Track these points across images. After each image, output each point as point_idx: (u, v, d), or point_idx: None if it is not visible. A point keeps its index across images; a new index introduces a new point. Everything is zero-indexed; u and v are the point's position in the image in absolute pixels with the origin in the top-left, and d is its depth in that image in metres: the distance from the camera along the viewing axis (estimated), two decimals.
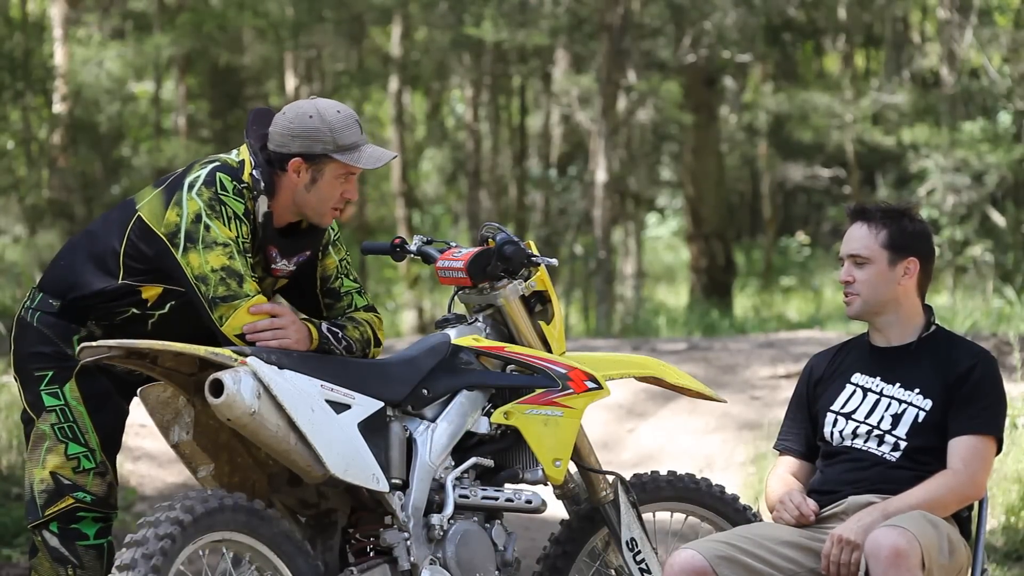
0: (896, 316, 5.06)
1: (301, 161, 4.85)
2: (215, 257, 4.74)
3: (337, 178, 4.88)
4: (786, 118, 26.10)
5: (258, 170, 4.85)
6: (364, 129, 4.94)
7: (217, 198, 4.78)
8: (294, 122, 4.84)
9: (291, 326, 4.77)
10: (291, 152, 4.84)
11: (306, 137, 4.83)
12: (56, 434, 4.90)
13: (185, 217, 4.77)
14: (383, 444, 4.90)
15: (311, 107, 4.87)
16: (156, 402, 4.84)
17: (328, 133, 4.83)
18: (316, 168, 4.85)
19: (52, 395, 4.91)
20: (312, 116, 4.84)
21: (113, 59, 23.18)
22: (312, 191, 4.88)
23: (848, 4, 25.01)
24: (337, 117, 4.86)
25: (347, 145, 4.85)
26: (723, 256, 23.52)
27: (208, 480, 4.87)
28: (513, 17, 22.43)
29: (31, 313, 4.95)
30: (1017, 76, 22.64)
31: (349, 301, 5.09)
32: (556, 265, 5.33)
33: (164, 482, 10.04)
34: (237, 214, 4.79)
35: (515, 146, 29.25)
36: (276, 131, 4.88)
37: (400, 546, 4.88)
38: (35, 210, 21.86)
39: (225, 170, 4.84)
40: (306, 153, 4.84)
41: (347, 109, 4.91)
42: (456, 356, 5.12)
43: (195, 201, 4.77)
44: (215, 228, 4.75)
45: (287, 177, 4.87)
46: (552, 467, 5.11)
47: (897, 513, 4.76)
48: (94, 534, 4.93)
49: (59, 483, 4.89)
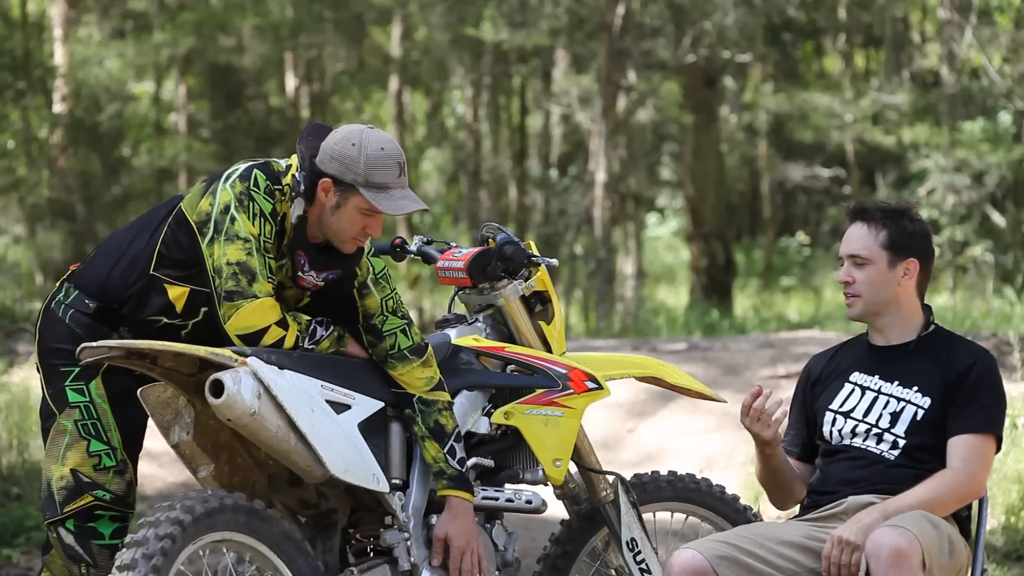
0: (896, 316, 5.06)
1: (331, 183, 4.84)
2: (233, 250, 4.75)
3: (360, 211, 4.85)
4: (786, 118, 26.11)
5: (302, 174, 4.86)
6: (406, 173, 4.89)
7: (248, 193, 4.80)
8: (339, 144, 4.84)
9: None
10: (326, 172, 4.85)
11: (341, 162, 4.82)
12: (79, 430, 4.89)
13: (216, 207, 4.79)
14: (383, 444, 4.90)
15: (359, 135, 4.85)
16: (156, 402, 4.84)
17: (362, 167, 4.81)
18: (343, 195, 4.84)
19: (77, 391, 4.90)
20: (355, 144, 4.83)
21: (113, 59, 23.19)
22: (335, 216, 4.87)
23: (848, 4, 25.01)
24: (378, 154, 4.82)
25: (377, 184, 4.82)
26: (723, 256, 23.52)
27: (208, 480, 4.87)
28: (513, 17, 22.43)
29: (63, 308, 4.94)
30: (1017, 76, 22.64)
31: (392, 342, 4.97)
32: (556, 265, 5.33)
33: (164, 482, 10.05)
34: (264, 212, 4.80)
35: (515, 146, 29.26)
36: (324, 146, 4.87)
37: (400, 546, 4.88)
38: (35, 210, 21.86)
39: (264, 169, 4.87)
40: (337, 177, 4.84)
41: (395, 148, 4.86)
42: (456, 356, 5.12)
43: (227, 192, 4.80)
44: (240, 221, 4.77)
45: (317, 194, 4.88)
46: (552, 467, 5.11)
47: (897, 513, 4.76)
48: (110, 534, 4.92)
49: (79, 480, 4.88)
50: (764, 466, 5.12)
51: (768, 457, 5.09)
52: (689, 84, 23.37)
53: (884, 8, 24.69)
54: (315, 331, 4.86)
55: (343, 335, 4.94)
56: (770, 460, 5.09)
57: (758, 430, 5.00)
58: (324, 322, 4.91)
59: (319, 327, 4.87)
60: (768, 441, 5.02)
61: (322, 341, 4.88)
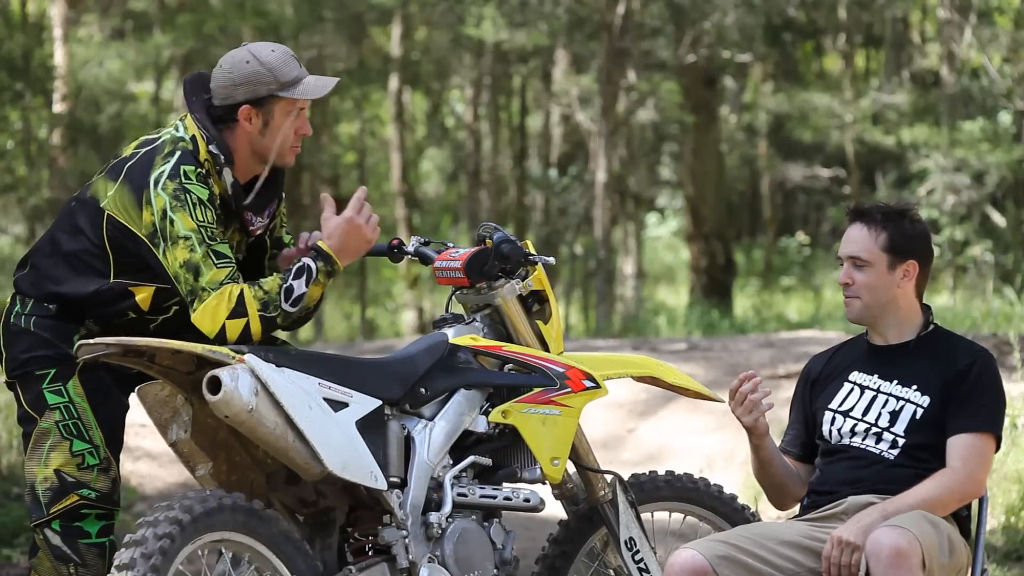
0: (895, 317, 5.06)
1: (250, 107, 4.85)
2: (180, 252, 4.74)
3: (287, 116, 4.88)
4: (786, 118, 26.13)
5: (213, 144, 4.84)
6: (301, 61, 4.96)
7: (182, 187, 4.76)
8: (233, 71, 4.85)
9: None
10: (238, 101, 4.85)
11: (248, 82, 4.84)
12: (61, 431, 4.88)
13: (156, 215, 4.76)
14: (381, 442, 4.90)
15: (245, 53, 4.88)
16: (154, 400, 4.84)
17: (268, 73, 4.84)
18: (265, 111, 4.86)
19: (55, 392, 4.89)
20: (249, 61, 4.85)
21: (113, 59, 23.20)
22: (267, 135, 4.88)
23: (848, 4, 25.02)
24: (273, 56, 4.86)
25: (289, 81, 4.86)
26: (723, 256, 23.53)
27: (206, 479, 4.86)
28: (513, 17, 22.43)
29: (23, 319, 4.91)
30: (1017, 76, 22.65)
31: (288, 240, 5.17)
32: (553, 264, 5.33)
33: (164, 482, 10.05)
34: (202, 200, 4.77)
35: (515, 146, 29.27)
36: (218, 85, 4.88)
37: (398, 544, 4.87)
38: (35, 210, 21.87)
39: (184, 158, 4.81)
40: (252, 98, 4.85)
41: (281, 47, 4.92)
42: (454, 355, 5.12)
43: (161, 196, 4.76)
44: (178, 221, 4.74)
45: (240, 128, 4.87)
46: (550, 466, 5.11)
47: (897, 513, 4.76)
48: (96, 532, 4.92)
49: (63, 481, 4.88)
50: (754, 456, 5.14)
51: (755, 447, 5.11)
52: (689, 84, 23.38)
53: (884, 8, 24.71)
54: (291, 289, 4.78)
55: (323, 265, 4.80)
56: (757, 450, 5.11)
57: (739, 415, 5.03)
58: (294, 271, 4.80)
59: (293, 281, 4.78)
60: (749, 428, 5.04)
61: (308, 291, 4.78)
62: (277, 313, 4.76)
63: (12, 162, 22.01)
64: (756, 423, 5.05)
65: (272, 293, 4.76)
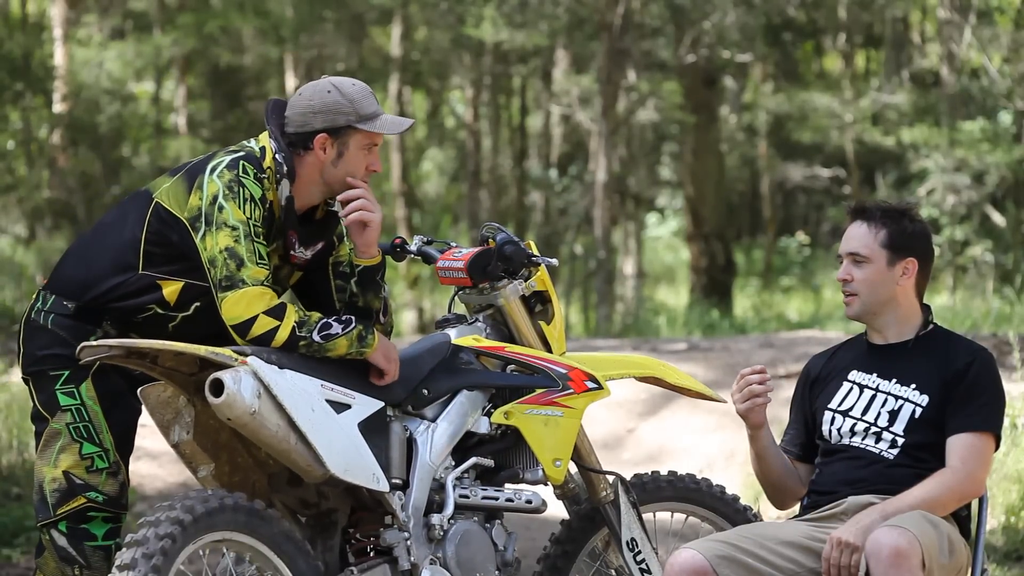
0: (894, 315, 5.07)
1: (327, 136, 4.90)
2: (223, 238, 4.75)
3: (362, 149, 4.94)
4: (786, 118, 26.13)
5: (280, 154, 4.89)
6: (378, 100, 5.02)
7: (237, 180, 4.81)
8: (314, 99, 4.91)
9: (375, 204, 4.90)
10: (315, 129, 4.90)
11: (328, 111, 4.89)
12: (71, 433, 4.89)
13: (205, 199, 4.80)
14: (383, 444, 4.90)
15: (327, 84, 4.94)
16: (156, 402, 4.85)
17: (349, 104, 4.90)
18: (341, 141, 4.92)
19: (68, 394, 4.90)
20: (330, 91, 4.91)
21: (113, 59, 23.20)
22: (339, 165, 4.93)
23: (848, 4, 25.02)
24: (354, 89, 4.93)
25: (368, 115, 4.92)
26: (723, 256, 23.53)
27: (208, 480, 4.87)
28: (513, 17, 22.43)
29: (43, 315, 4.94)
30: (1017, 76, 22.63)
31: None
32: (556, 265, 5.33)
33: (164, 482, 10.05)
34: (254, 197, 4.81)
35: (515, 146, 29.27)
36: (295, 112, 4.93)
37: (400, 546, 4.88)
38: (35, 210, 21.87)
39: (248, 157, 4.88)
40: (330, 127, 4.90)
41: (361, 82, 4.98)
42: (456, 356, 5.12)
43: (215, 183, 4.81)
44: (228, 209, 4.77)
45: (312, 155, 4.92)
46: (552, 467, 5.11)
47: (896, 513, 4.76)
48: (103, 535, 4.92)
49: (72, 483, 4.88)
50: (751, 448, 5.15)
51: (751, 438, 5.13)
52: (689, 84, 23.37)
53: (884, 8, 24.70)
54: (328, 325, 4.80)
55: (366, 335, 4.87)
56: (753, 441, 5.13)
57: (736, 400, 5.05)
58: (342, 319, 4.86)
59: (335, 323, 4.82)
60: (743, 415, 5.06)
61: (338, 338, 4.82)
62: (306, 337, 4.77)
63: (12, 162, 22.02)
64: (748, 413, 5.07)
65: (311, 320, 4.80)
